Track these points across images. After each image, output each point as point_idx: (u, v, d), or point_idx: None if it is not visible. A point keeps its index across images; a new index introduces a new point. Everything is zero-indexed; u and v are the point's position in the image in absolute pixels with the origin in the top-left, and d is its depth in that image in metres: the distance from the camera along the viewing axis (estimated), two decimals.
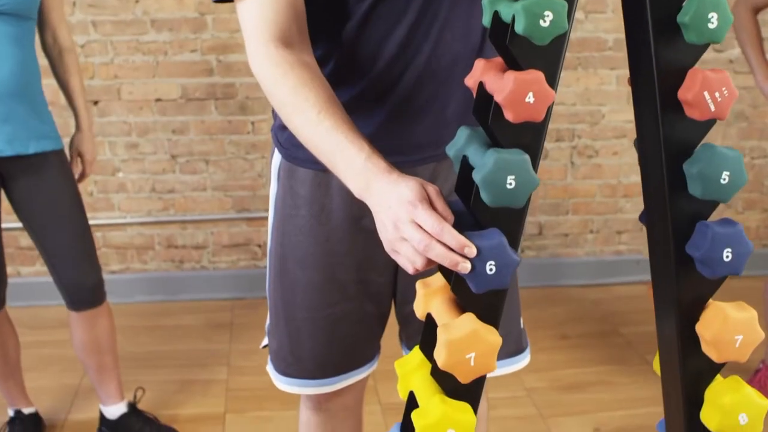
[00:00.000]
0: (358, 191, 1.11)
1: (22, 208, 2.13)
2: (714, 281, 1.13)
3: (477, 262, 1.03)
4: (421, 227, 1.03)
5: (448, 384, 1.10)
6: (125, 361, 2.49)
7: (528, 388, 2.66)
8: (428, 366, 1.15)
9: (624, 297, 3.41)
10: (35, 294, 3.25)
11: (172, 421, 2.45)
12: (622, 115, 3.37)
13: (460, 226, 1.05)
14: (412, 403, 1.16)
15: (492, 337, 1.06)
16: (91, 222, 2.28)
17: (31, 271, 3.32)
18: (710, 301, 1.15)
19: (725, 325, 1.11)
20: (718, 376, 1.18)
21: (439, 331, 1.07)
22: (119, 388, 2.35)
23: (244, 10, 1.20)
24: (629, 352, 2.95)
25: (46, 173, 2.11)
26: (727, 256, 1.09)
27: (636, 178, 3.44)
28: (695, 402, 1.18)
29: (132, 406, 2.37)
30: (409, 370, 1.18)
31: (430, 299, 1.15)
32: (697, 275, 1.13)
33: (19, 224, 2.17)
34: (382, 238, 1.09)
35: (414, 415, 1.10)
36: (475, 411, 1.12)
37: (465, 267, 1.01)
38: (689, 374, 1.17)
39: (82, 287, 2.20)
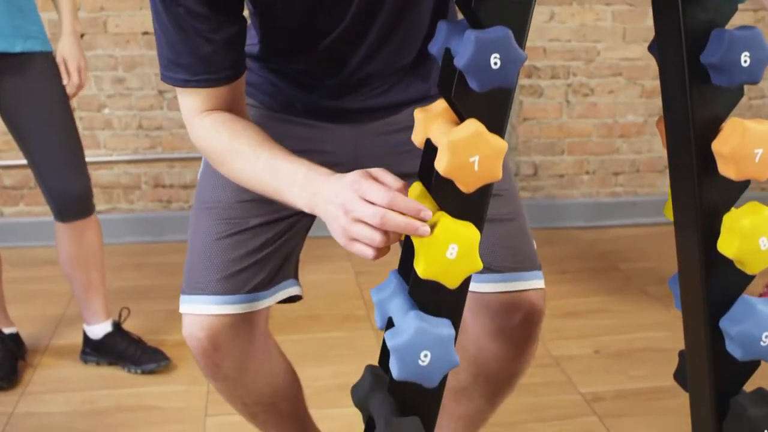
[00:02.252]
0: (307, 203, 1.09)
1: (9, 110, 2.08)
2: (731, 95, 1.07)
3: (480, 56, 0.96)
4: (371, 202, 0.99)
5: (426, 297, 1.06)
6: (112, 295, 2.41)
7: None
8: (428, 198, 1.08)
9: (622, 237, 3.35)
10: (18, 235, 3.18)
11: (159, 345, 2.37)
12: (618, 52, 3.31)
13: None
14: (409, 244, 1.08)
15: (497, 141, 1.00)
16: None
17: (13, 212, 3.24)
18: (728, 118, 1.08)
19: (744, 139, 1.04)
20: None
21: (439, 138, 1.00)
22: (105, 307, 2.28)
23: (181, 98, 1.23)
24: (629, 284, 2.89)
25: (32, 74, 2.04)
26: (745, 61, 1.03)
27: (632, 117, 3.38)
28: (712, 232, 1.11)
29: (117, 326, 2.30)
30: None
31: (430, 123, 1.08)
32: (712, 89, 1.06)
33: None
34: (336, 235, 1.05)
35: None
36: (456, 326, 1.08)
37: (425, 231, 0.98)
38: (705, 201, 1.10)
39: (69, 196, 2.13)
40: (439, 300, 1.06)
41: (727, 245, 1.09)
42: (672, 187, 1.16)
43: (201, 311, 1.32)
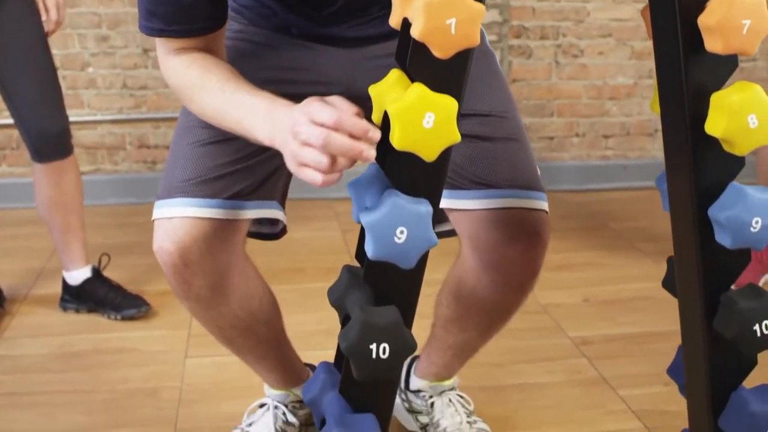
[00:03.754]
0: (267, 134, 1.07)
1: None
2: None
3: None
4: (321, 125, 0.98)
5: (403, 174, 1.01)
6: (93, 250, 2.35)
7: None
8: (406, 82, 1.03)
9: (612, 200, 3.32)
10: (0, 196, 3.13)
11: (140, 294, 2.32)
12: (608, 12, 3.28)
13: None
14: (386, 124, 1.04)
15: (475, 4, 0.96)
16: None
17: None
18: None
19: (731, 10, 1.01)
20: None
21: (415, 3, 0.96)
22: (84, 252, 2.24)
23: (157, 42, 1.23)
24: (619, 241, 2.86)
25: (9, 11, 2.01)
26: None
27: (623, 79, 3.35)
28: (699, 115, 1.07)
29: (96, 272, 2.25)
30: (384, 89, 1.06)
31: (407, 2, 1.04)
32: None
33: None
34: (287, 162, 1.03)
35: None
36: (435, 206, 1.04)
37: (370, 154, 0.96)
38: (692, 81, 1.06)
39: (47, 135, 2.09)
40: (416, 177, 1.02)
41: (714, 124, 1.05)
42: (658, 71, 1.13)
43: (176, 213, 1.27)
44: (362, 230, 1.05)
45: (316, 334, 2.03)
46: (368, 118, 1.01)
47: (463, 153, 1.31)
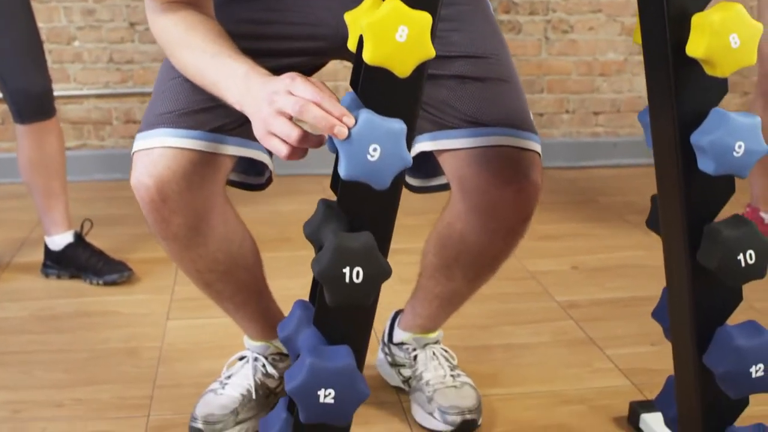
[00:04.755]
0: (238, 99, 1.08)
1: None
2: None
3: None
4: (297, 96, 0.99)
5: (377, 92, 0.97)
6: (77, 221, 2.32)
7: None
8: (380, 4, 1.01)
9: (603, 177, 3.30)
10: None
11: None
12: None
13: None
14: (361, 47, 1.02)
15: None
16: None
17: None
18: None
19: None
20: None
21: None
22: (66, 216, 2.21)
23: None
24: (608, 214, 2.84)
25: None
26: None
27: (613, 55, 3.33)
28: (681, 38, 1.05)
29: (78, 237, 2.22)
30: (359, 14, 1.03)
31: None
32: None
33: None
34: (255, 129, 1.04)
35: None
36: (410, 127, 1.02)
37: (341, 131, 0.95)
38: (673, 1, 1.04)
39: (29, 95, 2.07)
40: (390, 95, 0.99)
41: (695, 45, 1.03)
42: None
43: (156, 144, 1.24)
44: (336, 157, 1.02)
45: (300, 298, 2.00)
46: None
47: (452, 92, 1.29)
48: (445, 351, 1.60)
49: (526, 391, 1.67)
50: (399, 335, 1.61)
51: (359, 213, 1.04)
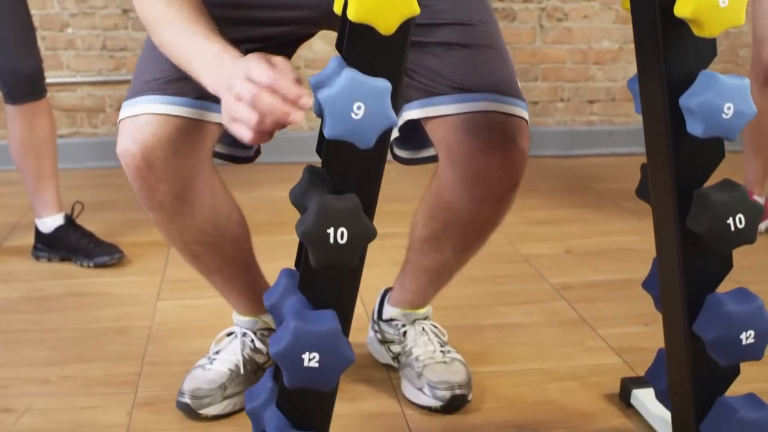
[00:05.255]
0: (211, 81, 1.07)
1: None
2: None
3: None
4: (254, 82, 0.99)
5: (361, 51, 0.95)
6: (68, 206, 2.31)
7: None
8: None
9: (598, 165, 3.29)
10: None
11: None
12: None
13: None
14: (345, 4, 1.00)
15: None
16: None
17: None
18: None
19: None
20: None
21: None
22: (57, 198, 2.20)
23: None
24: (602, 200, 2.83)
25: None
26: None
27: (608, 44, 3.32)
28: (669, 1, 1.04)
29: (69, 219, 2.21)
30: None
31: None
32: None
33: None
34: (222, 113, 1.03)
35: None
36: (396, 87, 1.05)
37: (296, 117, 0.95)
38: None
39: (20, 76, 2.06)
40: (374, 54, 0.98)
41: (683, 5, 1.02)
42: None
43: (142, 111, 1.24)
44: (322, 122, 1.01)
45: None
46: None
47: (439, 60, 1.29)
48: (435, 327, 1.59)
49: (517, 368, 1.66)
50: (388, 311, 1.60)
51: (344, 175, 1.03)
